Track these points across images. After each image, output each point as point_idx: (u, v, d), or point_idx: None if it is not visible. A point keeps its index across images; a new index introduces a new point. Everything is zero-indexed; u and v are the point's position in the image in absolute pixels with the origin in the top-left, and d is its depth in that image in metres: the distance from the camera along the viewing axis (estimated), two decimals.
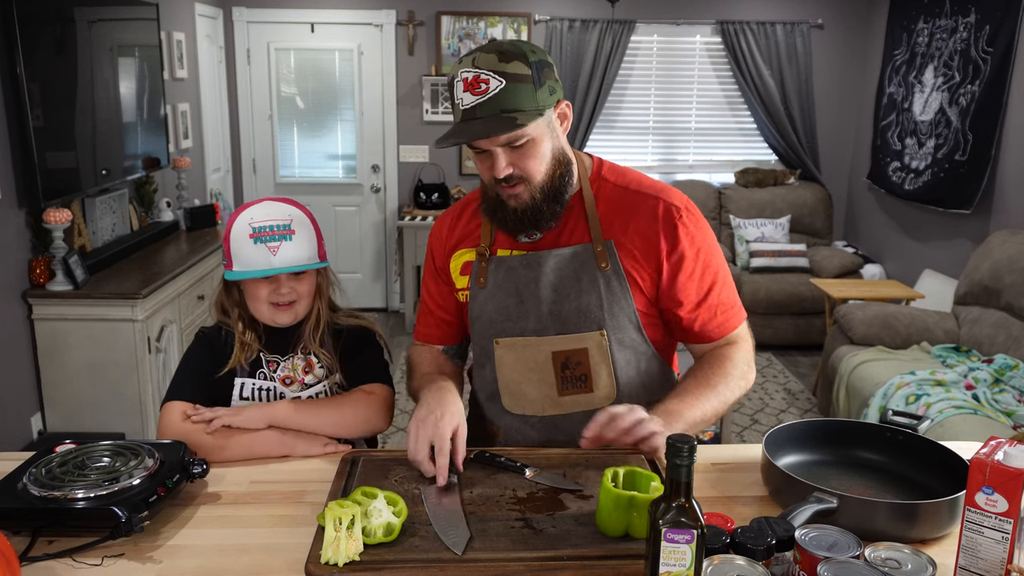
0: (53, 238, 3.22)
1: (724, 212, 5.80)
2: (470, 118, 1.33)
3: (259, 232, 1.48)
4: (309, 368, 1.59)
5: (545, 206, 1.42)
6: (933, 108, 4.84)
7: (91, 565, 1.15)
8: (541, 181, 1.40)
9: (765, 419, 4.23)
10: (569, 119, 1.45)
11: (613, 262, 1.45)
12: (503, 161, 1.37)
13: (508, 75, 1.32)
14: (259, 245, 1.47)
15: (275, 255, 1.48)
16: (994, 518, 1.03)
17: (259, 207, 1.52)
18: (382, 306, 6.11)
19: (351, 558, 1.10)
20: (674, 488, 0.96)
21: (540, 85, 1.34)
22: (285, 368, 1.59)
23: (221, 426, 1.47)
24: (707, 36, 5.84)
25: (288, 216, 1.51)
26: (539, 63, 1.35)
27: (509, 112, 1.32)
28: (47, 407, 3.31)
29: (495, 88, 1.31)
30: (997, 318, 3.76)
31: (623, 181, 1.50)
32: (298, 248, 1.50)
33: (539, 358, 1.49)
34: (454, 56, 5.70)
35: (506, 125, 1.32)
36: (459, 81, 1.34)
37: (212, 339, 1.60)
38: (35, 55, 3.13)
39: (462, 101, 1.34)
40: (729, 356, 1.49)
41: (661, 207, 1.46)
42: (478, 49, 1.35)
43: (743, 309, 1.56)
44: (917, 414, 1.59)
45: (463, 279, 1.56)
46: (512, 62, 1.32)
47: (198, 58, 5.10)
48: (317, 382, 1.60)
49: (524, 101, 1.33)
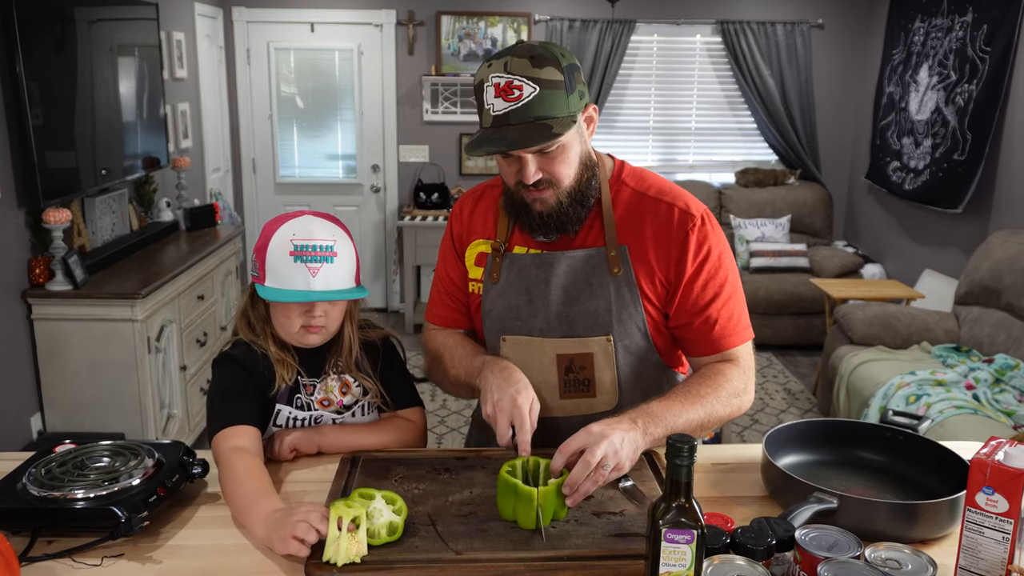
0: (53, 238, 3.21)
1: (724, 212, 5.80)
2: (502, 124, 1.30)
3: (301, 251, 1.39)
4: (347, 388, 1.54)
5: (571, 210, 1.41)
6: (929, 107, 4.84)
7: (91, 565, 1.15)
8: (569, 185, 1.38)
9: (765, 419, 4.23)
10: (595, 122, 1.42)
11: (625, 268, 1.44)
12: (533, 167, 1.34)
13: (542, 81, 1.28)
14: (299, 264, 1.39)
15: (314, 276, 1.39)
16: (994, 518, 1.02)
17: (301, 222, 1.42)
18: (382, 306, 6.11)
19: (352, 560, 1.09)
20: (674, 488, 0.96)
21: (572, 90, 1.32)
22: (322, 390, 1.52)
23: None
24: (707, 36, 5.84)
25: (333, 237, 1.42)
26: (570, 67, 1.32)
27: (543, 119, 1.29)
28: (47, 407, 3.31)
29: (529, 95, 1.28)
30: (997, 318, 3.76)
31: (642, 186, 1.48)
32: (339, 272, 1.42)
33: (543, 359, 1.49)
34: (454, 56, 5.71)
35: (543, 135, 1.29)
36: (489, 86, 1.30)
37: (245, 359, 1.47)
38: (35, 55, 3.13)
39: (492, 107, 1.30)
40: (723, 372, 1.44)
41: (676, 214, 1.44)
42: (509, 52, 1.31)
43: (750, 331, 1.49)
44: (917, 414, 1.59)
45: (477, 270, 1.55)
46: (546, 67, 1.29)
47: (198, 58, 5.10)
48: (355, 402, 1.54)
49: (558, 107, 1.30)
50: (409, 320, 5.64)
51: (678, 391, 1.40)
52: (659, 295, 1.46)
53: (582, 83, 1.36)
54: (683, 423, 1.34)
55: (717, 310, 1.45)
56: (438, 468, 1.41)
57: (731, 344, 1.46)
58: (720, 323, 1.45)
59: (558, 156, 1.35)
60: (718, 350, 1.47)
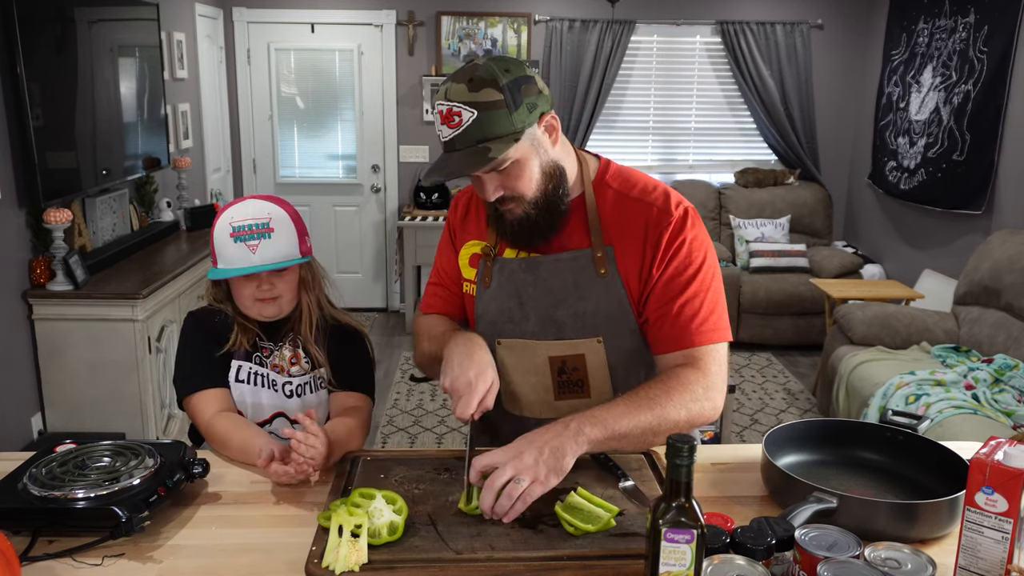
0: (53, 238, 3.22)
1: (724, 212, 5.80)
2: (451, 150, 1.34)
3: (238, 231, 1.52)
4: (296, 360, 1.64)
5: (540, 219, 1.41)
6: (929, 108, 4.84)
7: (91, 565, 1.15)
8: (533, 197, 1.39)
9: (765, 419, 4.23)
10: (557, 130, 1.41)
11: (611, 268, 1.44)
12: (490, 186, 1.37)
13: (479, 104, 1.29)
14: (239, 244, 1.52)
15: (254, 253, 1.52)
16: (994, 518, 1.03)
17: (239, 206, 1.56)
18: (382, 306, 6.11)
19: (351, 568, 1.09)
20: (674, 488, 0.96)
21: (516, 107, 1.31)
22: (276, 356, 1.64)
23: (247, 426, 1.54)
24: (707, 36, 5.84)
25: (267, 214, 1.54)
26: (513, 83, 1.31)
27: (484, 141, 1.31)
28: (47, 407, 3.31)
29: (468, 120, 1.30)
30: (997, 318, 3.76)
31: (625, 187, 1.47)
32: (276, 246, 1.54)
33: (536, 361, 1.49)
34: (454, 56, 5.71)
35: (479, 160, 1.30)
36: (436, 113, 1.34)
37: (206, 320, 1.63)
38: (35, 55, 3.13)
39: (441, 133, 1.34)
40: (679, 376, 1.38)
41: (654, 213, 1.43)
42: (450, 78, 1.33)
43: (721, 334, 1.42)
44: (917, 414, 1.59)
45: (471, 271, 1.56)
46: (482, 90, 1.29)
47: (198, 58, 5.10)
48: (302, 374, 1.64)
49: (499, 127, 1.30)
50: (409, 320, 5.64)
51: (628, 395, 1.36)
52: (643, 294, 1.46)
53: (535, 94, 1.34)
54: (627, 426, 1.30)
55: (680, 305, 1.41)
56: (438, 468, 1.42)
57: (692, 342, 1.40)
58: (683, 318, 1.41)
59: (514, 172, 1.36)
60: (679, 347, 1.41)
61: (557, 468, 1.22)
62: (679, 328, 1.41)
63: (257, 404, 1.62)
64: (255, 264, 1.52)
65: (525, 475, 1.20)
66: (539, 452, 1.22)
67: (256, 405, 1.62)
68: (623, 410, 1.32)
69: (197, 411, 1.57)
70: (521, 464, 1.21)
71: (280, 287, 1.58)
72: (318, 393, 1.65)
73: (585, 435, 1.26)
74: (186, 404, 1.60)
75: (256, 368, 1.62)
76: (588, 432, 1.27)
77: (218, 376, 1.60)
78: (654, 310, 1.43)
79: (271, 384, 1.62)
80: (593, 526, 1.19)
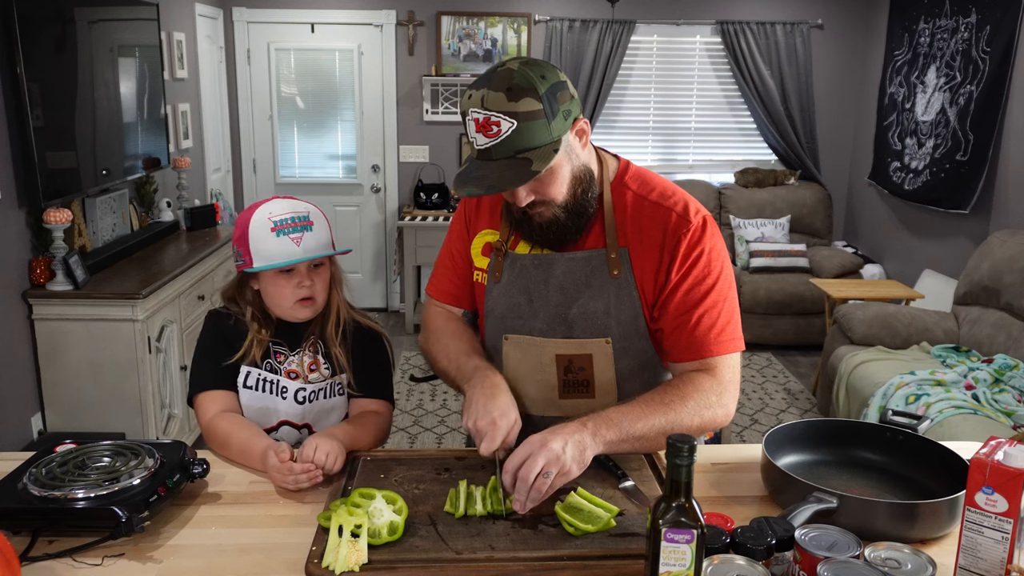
0: (53, 238, 3.22)
1: (724, 212, 5.80)
2: (486, 158, 1.30)
3: (281, 225, 1.51)
4: (315, 367, 1.61)
5: (570, 222, 1.41)
6: (935, 108, 4.84)
7: (91, 565, 1.15)
8: (564, 201, 1.38)
9: (765, 419, 4.23)
10: (587, 133, 1.40)
11: (625, 270, 1.43)
12: (523, 193, 1.35)
13: (519, 115, 1.26)
14: (282, 237, 1.51)
15: (298, 246, 1.52)
16: (994, 518, 1.03)
17: (273, 203, 1.55)
18: (382, 306, 6.11)
19: (351, 568, 1.09)
20: (674, 488, 0.96)
21: (554, 116, 1.29)
22: (292, 362, 1.61)
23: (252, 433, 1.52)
24: (707, 36, 5.84)
25: (305, 209, 1.56)
26: (550, 90, 1.29)
27: (523, 152, 1.28)
28: (47, 407, 3.31)
29: (507, 130, 1.27)
30: (997, 318, 3.76)
31: (644, 190, 1.47)
32: (318, 238, 1.55)
33: (543, 359, 1.49)
34: (454, 56, 5.71)
35: (522, 173, 1.28)
36: (470, 120, 1.30)
37: (223, 323, 1.63)
38: (35, 55, 3.13)
39: (475, 141, 1.30)
40: (694, 381, 1.39)
41: (673, 219, 1.43)
42: (486, 83, 1.29)
43: (735, 344, 1.44)
44: (917, 414, 1.59)
45: (483, 260, 1.55)
46: (523, 99, 1.26)
47: (198, 58, 5.10)
48: (321, 380, 1.61)
49: (538, 137, 1.28)
50: (409, 320, 5.64)
51: (643, 397, 1.37)
52: (657, 298, 1.45)
53: (569, 99, 1.33)
54: (642, 429, 1.31)
55: (699, 315, 1.41)
56: (438, 468, 1.42)
57: (709, 352, 1.42)
58: (700, 329, 1.42)
59: (547, 179, 1.35)
60: (696, 356, 1.42)
61: (580, 460, 1.25)
62: (696, 339, 1.42)
63: (263, 410, 1.60)
64: (299, 256, 1.52)
65: (552, 467, 1.21)
66: (563, 447, 1.23)
67: (263, 411, 1.60)
68: (638, 413, 1.33)
69: (200, 411, 1.58)
70: (550, 453, 1.21)
71: (318, 285, 1.58)
72: (333, 399, 1.63)
73: (601, 436, 1.28)
74: (194, 402, 1.61)
75: (265, 374, 1.60)
76: (604, 434, 1.29)
77: (227, 378, 1.59)
78: (671, 320, 1.43)
79: (280, 391, 1.60)
80: (593, 526, 1.19)
